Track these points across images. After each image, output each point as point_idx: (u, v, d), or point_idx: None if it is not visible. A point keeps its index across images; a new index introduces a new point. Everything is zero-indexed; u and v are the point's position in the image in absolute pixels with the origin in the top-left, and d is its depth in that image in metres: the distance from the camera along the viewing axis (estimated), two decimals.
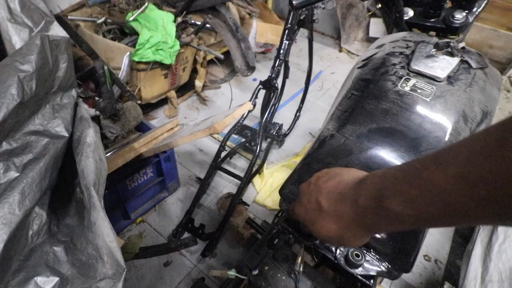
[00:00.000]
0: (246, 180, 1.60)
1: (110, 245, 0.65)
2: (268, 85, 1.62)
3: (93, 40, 1.78)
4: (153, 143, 1.25)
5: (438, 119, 0.60)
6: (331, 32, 3.33)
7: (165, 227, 1.64)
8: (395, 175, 0.33)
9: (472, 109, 0.63)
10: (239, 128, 1.64)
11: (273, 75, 1.61)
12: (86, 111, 0.86)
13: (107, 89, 1.15)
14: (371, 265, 0.57)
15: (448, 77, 0.67)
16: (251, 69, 2.10)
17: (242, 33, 2.05)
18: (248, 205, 1.66)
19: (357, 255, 0.57)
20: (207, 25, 2.09)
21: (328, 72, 2.92)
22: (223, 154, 1.74)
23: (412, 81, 0.66)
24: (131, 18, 1.84)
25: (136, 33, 1.84)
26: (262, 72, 2.74)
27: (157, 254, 1.51)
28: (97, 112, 0.88)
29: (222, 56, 2.10)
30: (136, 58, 1.74)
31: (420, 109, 0.62)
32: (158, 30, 1.78)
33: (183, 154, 2.00)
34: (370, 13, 2.71)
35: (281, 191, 0.67)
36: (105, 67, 1.21)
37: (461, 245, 1.65)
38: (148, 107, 2.19)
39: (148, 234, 1.60)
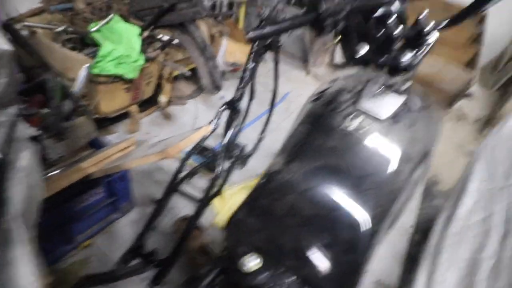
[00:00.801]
0: (203, 203, 1.55)
1: (31, 286, 0.58)
2: (231, 106, 1.61)
3: (50, 48, 1.68)
4: (105, 162, 1.18)
5: (380, 158, 0.62)
6: (299, 54, 3.43)
7: (114, 251, 1.53)
8: None
9: (413, 149, 0.65)
10: (200, 149, 1.60)
11: (237, 97, 1.61)
12: (25, 130, 0.79)
13: (55, 104, 1.07)
14: None
15: (393, 116, 0.69)
16: (217, 88, 2.09)
17: (210, 51, 2.04)
18: (205, 229, 1.60)
19: None
20: (175, 41, 2.06)
21: (295, 94, 2.99)
22: (182, 174, 1.69)
23: (359, 119, 0.68)
24: (94, 29, 1.77)
25: (98, 45, 1.77)
26: (231, 90, 2.73)
27: (102, 283, 1.39)
28: (39, 132, 0.81)
29: (189, 73, 2.08)
30: (96, 71, 1.66)
31: (364, 148, 0.63)
32: (122, 43, 1.73)
33: (141, 172, 1.92)
34: (335, 42, 2.83)
35: (226, 227, 0.65)
36: (56, 80, 1.13)
37: (411, 270, 1.70)
38: (108, 121, 2.09)
39: (95, 259, 1.49)
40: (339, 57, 3.22)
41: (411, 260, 1.79)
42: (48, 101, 1.08)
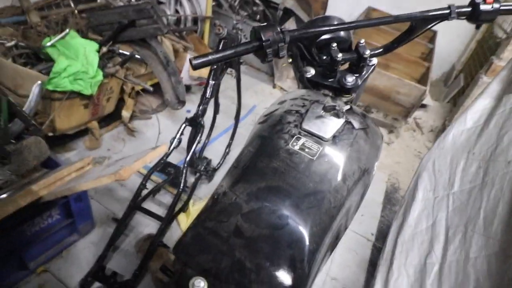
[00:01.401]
0: (167, 220, 1.53)
1: None
2: (193, 122, 1.62)
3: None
4: (57, 185, 1.13)
5: (320, 178, 0.65)
6: (266, 68, 3.52)
7: (72, 276, 1.46)
8: None
9: (351, 168, 0.70)
10: (162, 165, 1.58)
11: (199, 113, 1.62)
12: None
13: (0, 126, 1.02)
14: None
15: (333, 137, 0.73)
16: (181, 103, 2.09)
17: (173, 67, 2.04)
18: (169, 248, 1.57)
19: None
20: (137, 56, 2.04)
21: (262, 107, 3.04)
22: (145, 192, 1.65)
23: (302, 140, 0.71)
24: (48, 44, 1.71)
25: (53, 60, 1.71)
26: (197, 103, 2.74)
27: None
28: None
29: (151, 88, 2.06)
30: (50, 87, 1.60)
31: (306, 168, 0.66)
32: (78, 59, 1.68)
33: (101, 190, 1.85)
34: (288, 62, 2.94)
35: (175, 250, 0.65)
36: (4, 99, 1.09)
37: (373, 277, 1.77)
38: (65, 138, 2.01)
39: (51, 286, 1.41)
40: None
41: (373, 267, 1.86)
42: None
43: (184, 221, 1.78)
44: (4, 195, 1.11)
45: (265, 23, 0.64)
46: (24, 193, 1.03)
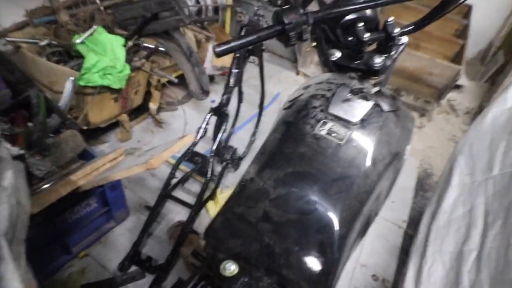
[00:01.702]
0: (196, 207, 1.57)
1: None
2: (218, 112, 1.64)
3: (35, 62, 1.70)
4: (93, 174, 1.20)
5: (348, 163, 0.64)
6: (288, 55, 3.45)
7: (111, 260, 1.55)
8: None
9: (381, 152, 0.67)
10: (190, 155, 1.62)
11: (223, 102, 1.63)
12: (7, 150, 0.81)
13: (39, 121, 1.09)
14: None
15: (362, 120, 0.71)
16: (206, 93, 2.11)
17: (196, 58, 2.06)
18: (199, 234, 1.62)
19: None
20: (161, 49, 2.08)
21: (286, 95, 3.00)
22: (174, 181, 1.71)
23: (329, 124, 0.70)
24: (78, 41, 1.79)
25: (83, 57, 1.79)
26: (221, 93, 2.76)
27: None
28: (21, 151, 0.83)
29: (176, 80, 2.10)
30: (82, 83, 1.68)
31: (333, 153, 0.65)
32: (106, 54, 1.74)
33: (134, 180, 1.94)
34: (312, 46, 2.85)
35: (205, 235, 0.67)
36: (41, 96, 1.15)
37: (405, 264, 1.72)
38: (99, 131, 2.11)
39: (92, 269, 1.51)
40: None
41: (405, 254, 1.81)
42: (32, 117, 1.10)
43: (212, 209, 1.83)
44: (46, 185, 1.19)
45: (287, 6, 0.62)
46: (64, 183, 1.10)
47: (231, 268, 0.60)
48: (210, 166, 1.54)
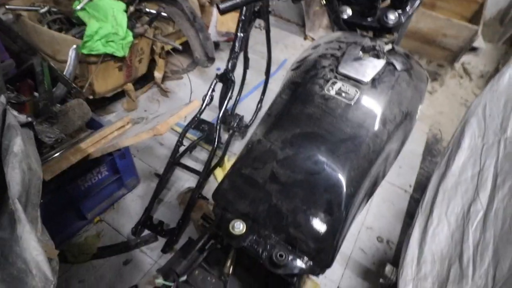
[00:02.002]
0: (204, 174, 1.60)
1: (37, 258, 0.63)
2: (224, 78, 1.60)
3: (36, 31, 1.67)
4: (102, 142, 1.21)
5: (358, 123, 0.62)
6: (296, 19, 3.31)
7: (124, 225, 1.61)
8: None
9: (392, 112, 0.66)
10: (197, 122, 1.62)
11: (229, 68, 1.59)
12: (15, 118, 0.81)
13: (45, 89, 1.09)
14: (294, 264, 0.60)
15: (373, 80, 0.69)
16: (211, 60, 2.06)
17: (200, 23, 1.99)
18: (208, 199, 1.66)
19: (281, 256, 0.59)
20: (163, 14, 2.01)
21: (293, 61, 2.92)
22: (182, 148, 1.72)
23: (338, 84, 0.67)
24: (78, 7, 1.73)
25: (84, 24, 1.74)
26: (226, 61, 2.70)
27: (116, 253, 1.49)
28: (29, 118, 0.83)
29: (180, 47, 2.04)
30: (85, 51, 1.65)
31: (343, 113, 0.63)
32: (107, 21, 1.69)
33: (143, 149, 1.96)
34: (322, 4, 2.72)
35: (214, 196, 0.68)
36: (44, 64, 1.14)
37: (410, 226, 1.76)
38: (105, 101, 2.10)
39: (107, 234, 1.57)
40: None
41: (410, 218, 1.84)
42: (37, 85, 1.09)
43: (220, 175, 1.85)
44: (57, 154, 1.21)
45: None
46: (74, 151, 1.12)
47: (240, 227, 0.62)
48: (217, 133, 1.54)
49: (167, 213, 1.69)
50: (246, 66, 1.99)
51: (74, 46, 1.55)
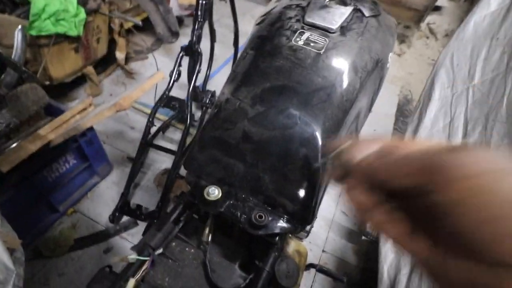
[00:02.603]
0: (180, 153, 1.54)
1: None
2: (190, 51, 1.52)
3: None
4: (64, 127, 1.12)
5: (329, 72, 0.60)
6: None
7: (101, 214, 1.55)
8: None
9: (363, 59, 0.63)
10: (166, 100, 1.54)
11: (194, 40, 1.51)
12: None
13: None
14: (275, 223, 0.58)
15: (341, 27, 0.65)
16: (175, 35, 1.95)
17: None
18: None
19: (260, 216, 0.57)
20: None
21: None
22: (153, 129, 1.65)
23: (306, 34, 0.64)
24: None
25: (29, 2, 1.57)
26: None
27: (95, 243, 1.44)
28: None
29: (140, 23, 1.91)
30: (33, 32, 1.50)
31: (313, 63, 0.60)
32: None
33: (112, 134, 1.86)
34: None
35: (185, 164, 0.64)
36: None
37: None
38: (65, 87, 1.96)
39: (83, 224, 1.51)
40: None
41: None
42: None
43: None
44: (14, 144, 1.11)
45: None
46: (33, 139, 1.03)
47: (215, 192, 0.59)
48: (188, 109, 1.48)
49: (145, 196, 1.64)
50: (213, 39, 1.89)
51: (20, 26, 1.40)
